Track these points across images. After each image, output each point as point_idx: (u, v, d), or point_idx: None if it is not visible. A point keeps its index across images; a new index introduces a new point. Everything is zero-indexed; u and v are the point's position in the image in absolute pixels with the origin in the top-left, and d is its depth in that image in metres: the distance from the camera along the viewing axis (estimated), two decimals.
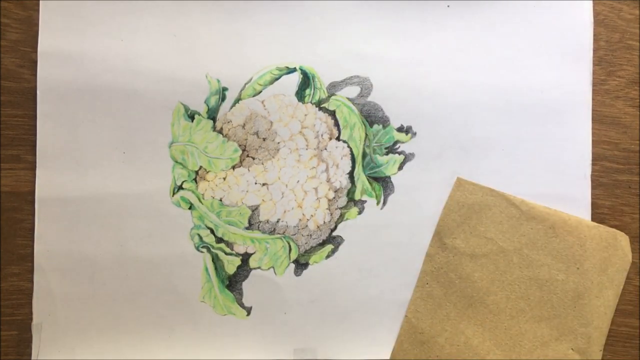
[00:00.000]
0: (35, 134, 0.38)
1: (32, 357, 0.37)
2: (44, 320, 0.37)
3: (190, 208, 0.38)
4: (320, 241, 0.39)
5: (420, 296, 0.38)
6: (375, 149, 0.39)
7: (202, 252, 0.38)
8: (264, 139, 0.39)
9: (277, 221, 0.39)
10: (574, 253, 0.38)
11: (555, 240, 0.38)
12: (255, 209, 0.39)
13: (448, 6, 0.39)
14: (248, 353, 0.38)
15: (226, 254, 0.38)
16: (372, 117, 0.39)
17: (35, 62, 0.37)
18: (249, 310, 0.38)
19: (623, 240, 0.38)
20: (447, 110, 0.39)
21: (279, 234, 0.39)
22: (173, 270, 0.38)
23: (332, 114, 0.39)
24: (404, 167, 0.39)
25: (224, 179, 0.39)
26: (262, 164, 0.39)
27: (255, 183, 0.39)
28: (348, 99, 0.39)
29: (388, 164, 0.39)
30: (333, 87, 0.39)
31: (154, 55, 0.38)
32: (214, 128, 0.38)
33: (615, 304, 0.38)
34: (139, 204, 0.38)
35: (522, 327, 0.38)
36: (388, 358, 0.38)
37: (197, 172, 0.38)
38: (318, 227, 0.39)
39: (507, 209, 0.38)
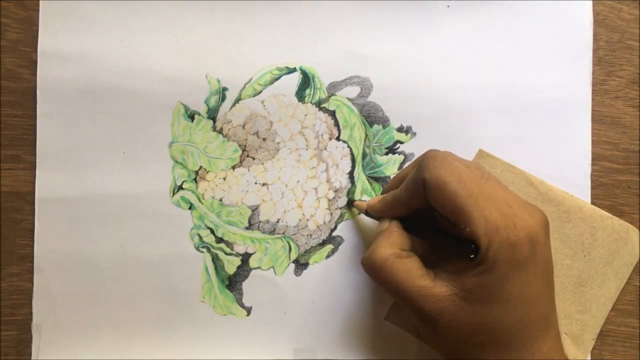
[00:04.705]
0: (35, 134, 0.38)
1: (32, 357, 0.37)
2: (44, 320, 0.37)
3: (190, 208, 0.38)
4: (320, 241, 0.39)
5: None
6: (375, 149, 0.39)
7: (202, 252, 0.38)
8: (264, 139, 0.39)
9: (277, 221, 0.39)
10: (583, 241, 0.38)
11: (568, 225, 0.38)
12: (255, 209, 0.39)
13: (448, 6, 0.39)
14: (248, 353, 0.38)
15: (226, 254, 0.38)
16: (372, 117, 0.39)
17: (35, 62, 0.37)
18: (249, 310, 0.38)
19: (634, 235, 0.38)
20: (447, 110, 0.39)
21: (279, 234, 0.39)
22: (173, 270, 0.38)
23: (332, 114, 0.39)
24: (403, 167, 0.39)
25: (224, 179, 0.39)
26: (262, 164, 0.39)
27: (255, 183, 0.39)
28: (348, 99, 0.39)
29: (388, 164, 0.39)
30: (333, 87, 0.39)
31: (154, 55, 0.38)
32: (214, 128, 0.38)
33: (616, 297, 0.38)
34: (139, 204, 0.38)
35: None
36: (388, 358, 0.38)
37: (197, 172, 0.38)
38: (318, 227, 0.39)
39: (525, 188, 0.38)
